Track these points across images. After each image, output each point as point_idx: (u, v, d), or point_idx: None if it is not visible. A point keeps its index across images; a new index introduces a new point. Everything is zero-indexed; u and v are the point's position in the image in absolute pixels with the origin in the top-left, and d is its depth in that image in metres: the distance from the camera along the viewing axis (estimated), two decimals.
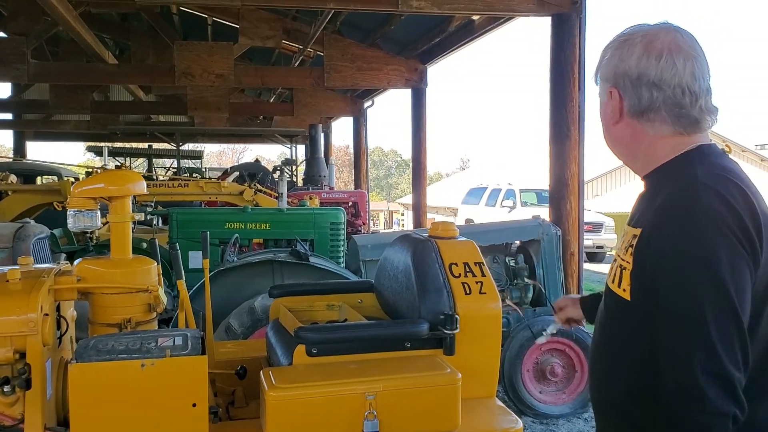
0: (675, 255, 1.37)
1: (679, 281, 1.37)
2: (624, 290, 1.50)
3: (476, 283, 2.68)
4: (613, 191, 26.80)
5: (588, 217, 16.56)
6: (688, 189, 1.42)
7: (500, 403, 2.67)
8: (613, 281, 1.56)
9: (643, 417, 1.48)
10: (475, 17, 8.20)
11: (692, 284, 1.35)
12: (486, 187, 20.48)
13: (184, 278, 2.91)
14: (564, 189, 6.26)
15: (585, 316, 2.13)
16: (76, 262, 2.74)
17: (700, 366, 1.33)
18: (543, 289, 5.51)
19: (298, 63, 12.06)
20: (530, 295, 5.45)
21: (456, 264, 2.71)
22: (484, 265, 2.76)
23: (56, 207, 7.50)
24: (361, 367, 2.38)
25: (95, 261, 2.82)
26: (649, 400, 1.47)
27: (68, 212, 2.75)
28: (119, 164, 18.76)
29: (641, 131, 1.55)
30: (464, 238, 2.91)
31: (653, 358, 1.43)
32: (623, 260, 1.52)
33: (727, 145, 1.63)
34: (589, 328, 4.73)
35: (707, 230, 1.35)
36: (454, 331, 2.52)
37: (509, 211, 17.57)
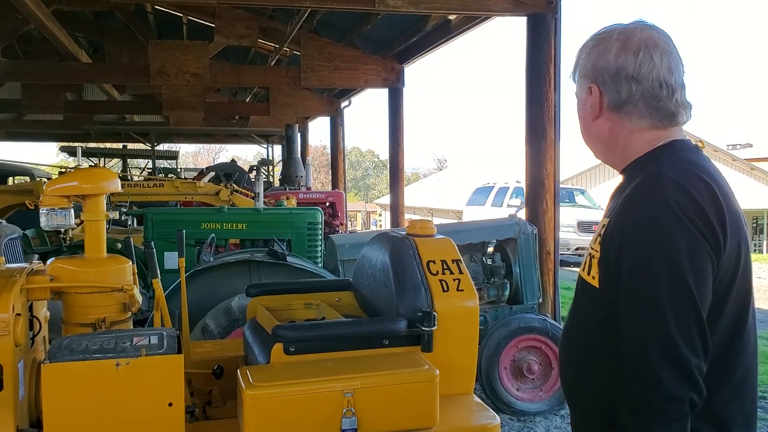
0: (636, 244, 1.42)
1: (638, 269, 1.42)
2: (593, 278, 1.55)
3: (454, 280, 2.69)
4: (588, 191, 27.01)
5: (599, 215, 16.60)
6: (653, 181, 1.47)
7: (478, 400, 2.68)
8: (584, 269, 1.62)
9: (609, 402, 1.52)
10: (451, 17, 8.23)
11: (651, 272, 1.39)
12: (493, 186, 19.43)
13: (159, 277, 2.88)
14: (540, 188, 6.30)
15: None
16: (48, 262, 2.69)
17: (657, 352, 1.37)
18: (520, 288, 5.55)
19: (274, 62, 12.00)
20: (507, 293, 5.49)
21: (434, 261, 2.72)
22: (461, 262, 2.76)
23: (29, 206, 7.39)
24: (339, 365, 2.38)
25: (68, 260, 2.77)
26: (613, 387, 1.50)
27: (41, 211, 2.70)
28: (93, 165, 18.53)
29: (620, 125, 1.59)
30: (442, 236, 2.92)
31: (617, 345, 1.47)
32: (593, 249, 1.58)
33: (700, 142, 1.67)
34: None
35: (668, 221, 1.40)
36: (432, 328, 2.52)
37: (516, 211, 17.09)
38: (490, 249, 5.73)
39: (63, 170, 11.36)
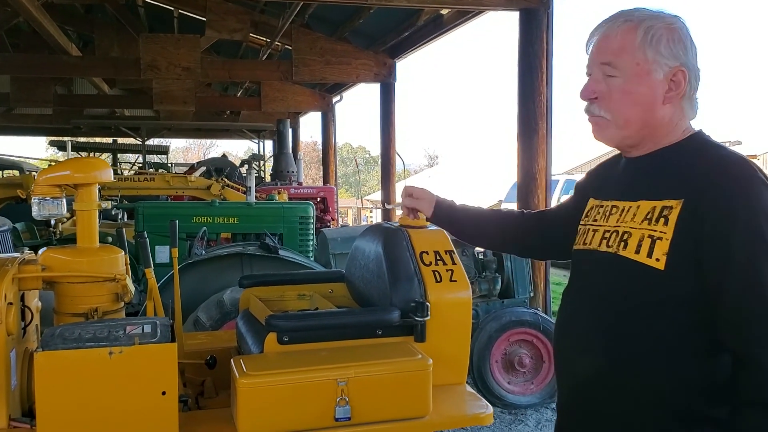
0: (750, 223, 1.42)
1: (758, 248, 1.42)
2: (657, 260, 1.50)
3: (447, 271, 2.69)
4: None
5: None
6: (738, 162, 1.50)
7: (471, 390, 2.69)
8: (637, 252, 1.55)
9: (679, 385, 1.50)
10: (444, 11, 8.23)
11: None
12: None
13: (152, 267, 2.87)
14: (532, 183, 6.32)
15: (433, 218, 2.29)
16: (40, 251, 2.68)
17: None
18: (511, 282, 5.56)
19: (266, 57, 11.97)
20: (498, 287, 5.50)
21: (427, 252, 2.72)
22: (454, 253, 2.77)
23: (21, 195, 7.36)
24: (332, 354, 2.38)
25: (61, 250, 2.75)
26: (673, 371, 1.50)
27: (33, 200, 2.67)
28: None
29: (681, 112, 1.63)
30: (435, 228, 2.93)
31: (693, 325, 1.48)
32: (653, 231, 1.52)
33: None
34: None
35: None
36: (425, 318, 2.53)
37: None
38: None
39: (52, 164, 11.30)
